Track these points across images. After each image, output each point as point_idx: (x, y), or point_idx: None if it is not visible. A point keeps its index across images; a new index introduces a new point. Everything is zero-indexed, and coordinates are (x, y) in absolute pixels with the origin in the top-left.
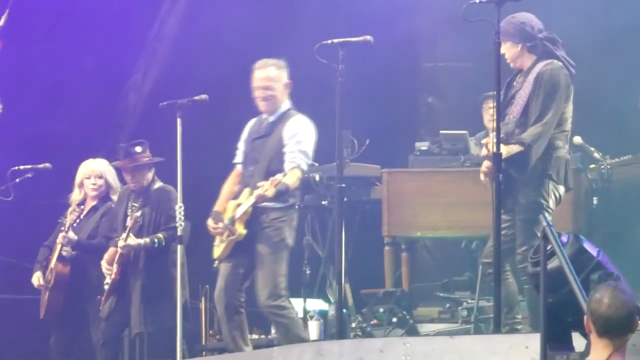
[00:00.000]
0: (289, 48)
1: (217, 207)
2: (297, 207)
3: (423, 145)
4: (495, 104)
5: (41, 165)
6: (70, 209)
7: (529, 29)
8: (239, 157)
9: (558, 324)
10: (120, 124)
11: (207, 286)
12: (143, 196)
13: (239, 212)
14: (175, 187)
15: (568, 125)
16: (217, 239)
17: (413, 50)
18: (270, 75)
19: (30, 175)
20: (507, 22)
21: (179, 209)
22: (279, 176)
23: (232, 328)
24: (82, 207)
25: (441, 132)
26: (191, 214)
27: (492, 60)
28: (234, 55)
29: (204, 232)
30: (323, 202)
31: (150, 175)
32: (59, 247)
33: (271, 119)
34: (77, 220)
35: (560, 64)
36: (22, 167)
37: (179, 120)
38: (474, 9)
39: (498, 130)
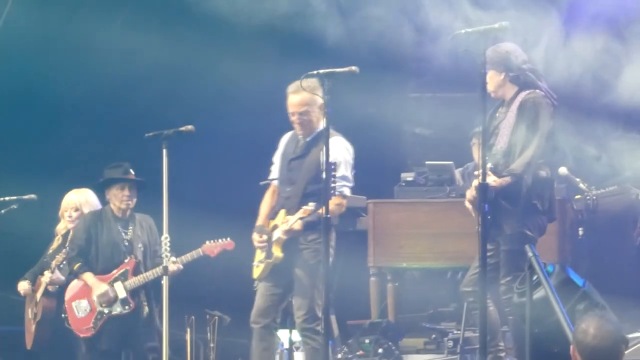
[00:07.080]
0: (277, 77)
1: (259, 222)
2: (335, 226)
3: (409, 176)
4: (481, 136)
5: (26, 197)
6: (56, 238)
7: (513, 58)
8: (274, 173)
9: (544, 355)
10: (108, 152)
11: (193, 317)
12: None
13: (275, 235)
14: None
15: (553, 155)
16: (256, 259)
17: (399, 80)
18: (305, 99)
19: (15, 207)
20: (492, 51)
21: (165, 239)
22: (303, 211)
23: (263, 349)
24: (65, 249)
25: (427, 162)
26: (176, 247)
27: (478, 90)
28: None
29: (188, 266)
30: None
31: None
32: (44, 284)
33: (307, 139)
34: (64, 262)
35: (542, 93)
36: (7, 198)
37: (164, 151)
38: (460, 40)
39: (484, 160)
